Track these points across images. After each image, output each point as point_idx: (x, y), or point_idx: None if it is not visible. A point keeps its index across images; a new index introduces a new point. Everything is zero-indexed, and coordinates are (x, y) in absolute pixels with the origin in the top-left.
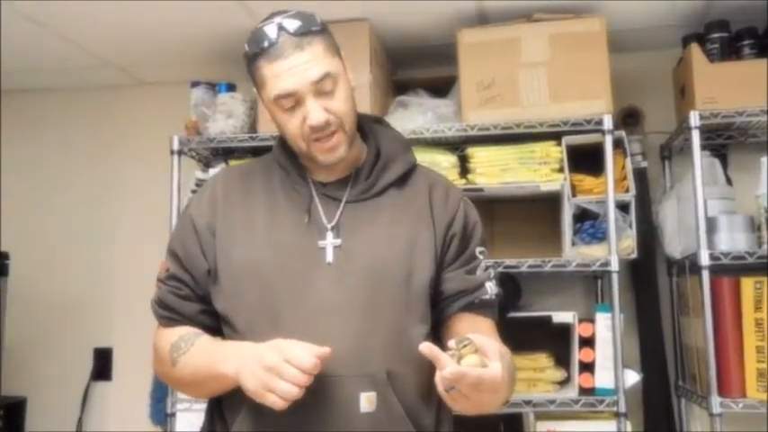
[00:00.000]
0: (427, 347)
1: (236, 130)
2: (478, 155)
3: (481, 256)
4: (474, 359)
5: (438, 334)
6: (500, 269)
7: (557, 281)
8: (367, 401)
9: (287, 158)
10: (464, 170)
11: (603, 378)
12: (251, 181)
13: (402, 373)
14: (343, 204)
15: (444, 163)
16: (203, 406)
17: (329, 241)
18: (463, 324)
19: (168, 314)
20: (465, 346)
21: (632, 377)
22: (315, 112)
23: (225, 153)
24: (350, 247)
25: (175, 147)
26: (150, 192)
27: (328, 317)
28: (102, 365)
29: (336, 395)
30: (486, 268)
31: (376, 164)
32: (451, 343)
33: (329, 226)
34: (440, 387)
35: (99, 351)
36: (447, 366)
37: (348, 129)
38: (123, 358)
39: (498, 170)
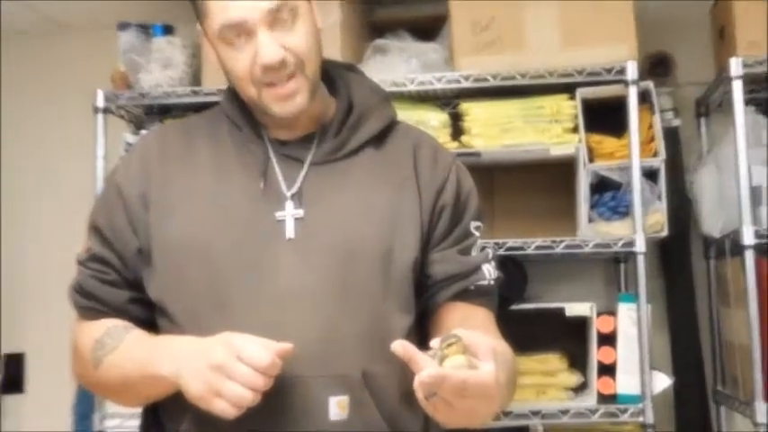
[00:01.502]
0: (400, 346)
1: (175, 82)
2: (474, 112)
3: (477, 233)
4: (460, 360)
5: (424, 327)
6: (501, 251)
7: (570, 266)
8: (338, 407)
9: (238, 111)
10: (456, 131)
11: (627, 383)
12: (193, 139)
13: (381, 372)
14: (306, 167)
15: (433, 122)
16: (138, 422)
17: (289, 212)
18: (455, 315)
19: (90, 303)
20: (450, 344)
21: (662, 381)
22: (268, 47)
23: (161, 111)
24: (315, 219)
25: (100, 103)
26: (69, 160)
27: (289, 305)
28: (13, 375)
29: (301, 400)
30: (484, 248)
31: (347, 119)
32: (434, 342)
33: (289, 193)
34: (419, 394)
35: (9, 358)
36: (425, 368)
37: (310, 73)
38: (38, 365)
39: (498, 130)
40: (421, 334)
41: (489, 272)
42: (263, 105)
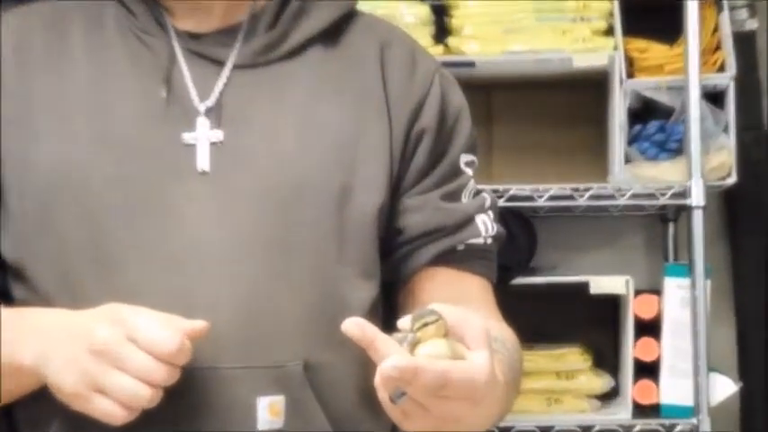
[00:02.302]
0: (357, 326)
1: None
2: (467, 4)
3: (470, 171)
4: (439, 346)
5: (392, 302)
6: (502, 202)
7: (598, 224)
8: (269, 411)
9: None
10: (441, 30)
11: (675, 389)
12: (65, 29)
13: (330, 363)
14: (228, 71)
15: (408, 17)
16: None
17: (202, 134)
18: (435, 286)
19: None
20: (427, 324)
21: (724, 387)
22: None
23: None
24: (239, 144)
25: None
26: None
27: (202, 267)
28: None
29: (217, 401)
30: (479, 192)
31: (285, 5)
32: (404, 321)
33: (203, 107)
34: (381, 393)
35: None
36: (390, 357)
37: None
38: None
39: (500, 31)
40: (388, 311)
41: (486, 226)
42: None
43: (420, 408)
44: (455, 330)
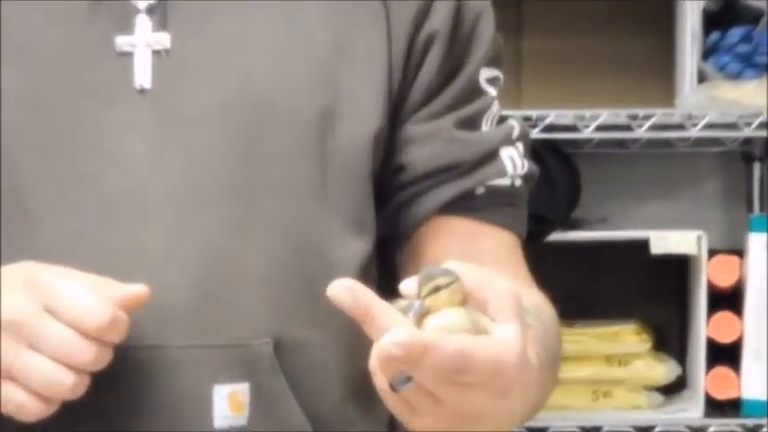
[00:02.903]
0: (344, 289)
1: None
2: None
3: (492, 90)
4: (455, 317)
5: (393, 262)
6: (535, 133)
7: (662, 164)
8: (229, 404)
9: None
10: None
11: (760, 379)
12: None
13: (309, 341)
14: None
15: None
16: None
17: (142, 38)
18: (447, 241)
19: None
20: (438, 288)
21: None
22: None
23: None
24: (190, 52)
25: None
26: None
27: (142, 217)
28: None
29: (163, 391)
30: (504, 119)
31: None
32: (409, 284)
33: (143, 3)
34: (378, 379)
35: None
36: (390, 331)
37: None
38: None
39: None
40: (384, 277)
41: (514, 163)
42: None
43: (430, 398)
44: (476, 296)
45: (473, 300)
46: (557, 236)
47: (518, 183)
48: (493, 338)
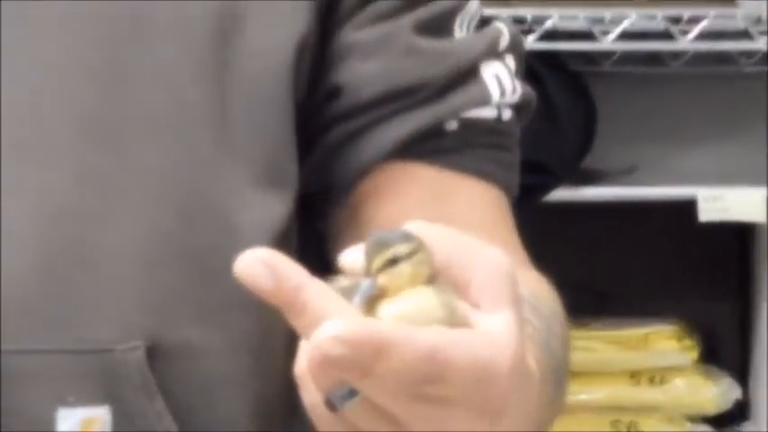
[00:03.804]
0: (258, 263)
1: None
2: None
3: None
4: (423, 300)
5: (325, 230)
6: (531, 42)
7: (713, 90)
8: None
9: None
10: None
11: None
12: None
13: (201, 345)
14: None
15: None
16: None
17: None
18: (403, 198)
19: None
20: (396, 260)
21: None
22: None
23: None
24: None
25: None
26: None
27: None
28: None
29: None
30: (487, 21)
31: None
32: (353, 255)
33: None
34: (307, 393)
35: None
36: (327, 319)
37: None
38: None
39: None
40: (312, 247)
41: (502, 84)
42: None
43: (384, 420)
44: (450, 272)
45: (446, 277)
46: (562, 193)
47: (507, 114)
48: (477, 333)
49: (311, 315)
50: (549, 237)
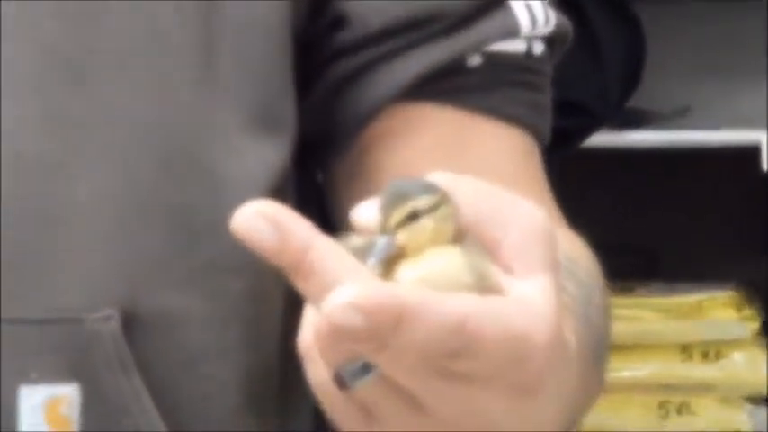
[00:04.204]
0: (257, 216)
1: None
2: None
3: None
4: (448, 262)
5: (328, 182)
6: None
7: None
8: (48, 415)
9: None
10: None
11: None
12: None
13: (182, 313)
14: None
15: None
16: None
17: None
18: (419, 143)
19: None
20: (416, 214)
21: None
22: None
23: None
24: None
25: None
26: None
27: None
28: None
29: None
30: None
31: None
32: (366, 209)
33: None
34: (314, 368)
35: None
36: (339, 283)
37: None
38: None
39: None
40: (312, 202)
41: (533, 13)
42: None
43: (403, 400)
44: (479, 230)
45: (474, 235)
46: (604, 138)
47: (538, 48)
48: (510, 301)
49: (321, 278)
50: (589, 188)
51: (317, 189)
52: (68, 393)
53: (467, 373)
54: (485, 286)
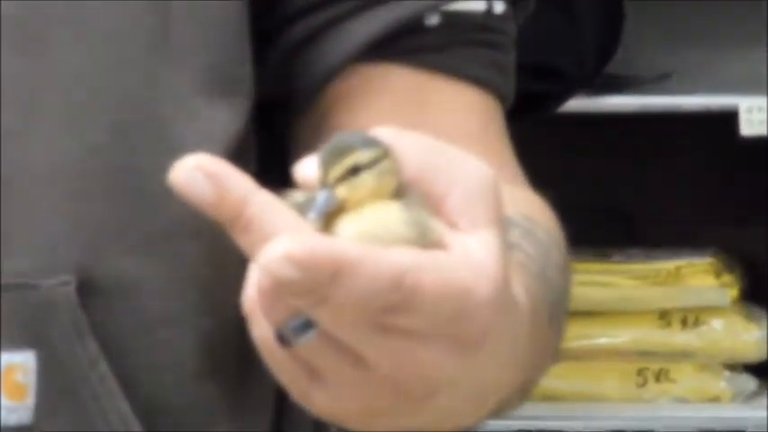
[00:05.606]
0: (193, 170)
1: None
2: None
3: None
4: (389, 216)
5: (286, 145)
6: None
7: None
8: (4, 384)
9: None
10: None
11: None
12: None
13: (138, 278)
14: None
15: None
16: None
17: None
18: (379, 103)
19: None
20: (357, 168)
21: None
22: None
23: None
24: None
25: None
26: None
27: None
28: None
29: None
30: None
31: None
32: (306, 166)
33: None
34: (257, 326)
35: None
36: (278, 236)
37: None
38: None
39: None
40: (271, 165)
41: None
42: None
43: (345, 357)
44: (422, 184)
45: (418, 190)
46: (580, 102)
47: (499, 7)
48: (452, 256)
49: (258, 231)
50: (566, 152)
51: (282, 154)
52: (25, 361)
53: (406, 328)
54: (426, 241)
